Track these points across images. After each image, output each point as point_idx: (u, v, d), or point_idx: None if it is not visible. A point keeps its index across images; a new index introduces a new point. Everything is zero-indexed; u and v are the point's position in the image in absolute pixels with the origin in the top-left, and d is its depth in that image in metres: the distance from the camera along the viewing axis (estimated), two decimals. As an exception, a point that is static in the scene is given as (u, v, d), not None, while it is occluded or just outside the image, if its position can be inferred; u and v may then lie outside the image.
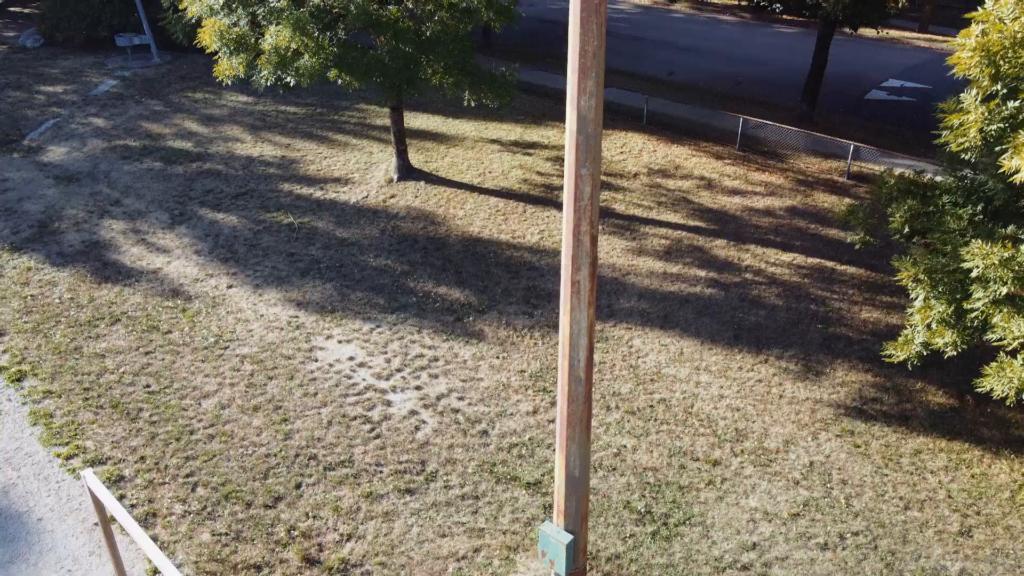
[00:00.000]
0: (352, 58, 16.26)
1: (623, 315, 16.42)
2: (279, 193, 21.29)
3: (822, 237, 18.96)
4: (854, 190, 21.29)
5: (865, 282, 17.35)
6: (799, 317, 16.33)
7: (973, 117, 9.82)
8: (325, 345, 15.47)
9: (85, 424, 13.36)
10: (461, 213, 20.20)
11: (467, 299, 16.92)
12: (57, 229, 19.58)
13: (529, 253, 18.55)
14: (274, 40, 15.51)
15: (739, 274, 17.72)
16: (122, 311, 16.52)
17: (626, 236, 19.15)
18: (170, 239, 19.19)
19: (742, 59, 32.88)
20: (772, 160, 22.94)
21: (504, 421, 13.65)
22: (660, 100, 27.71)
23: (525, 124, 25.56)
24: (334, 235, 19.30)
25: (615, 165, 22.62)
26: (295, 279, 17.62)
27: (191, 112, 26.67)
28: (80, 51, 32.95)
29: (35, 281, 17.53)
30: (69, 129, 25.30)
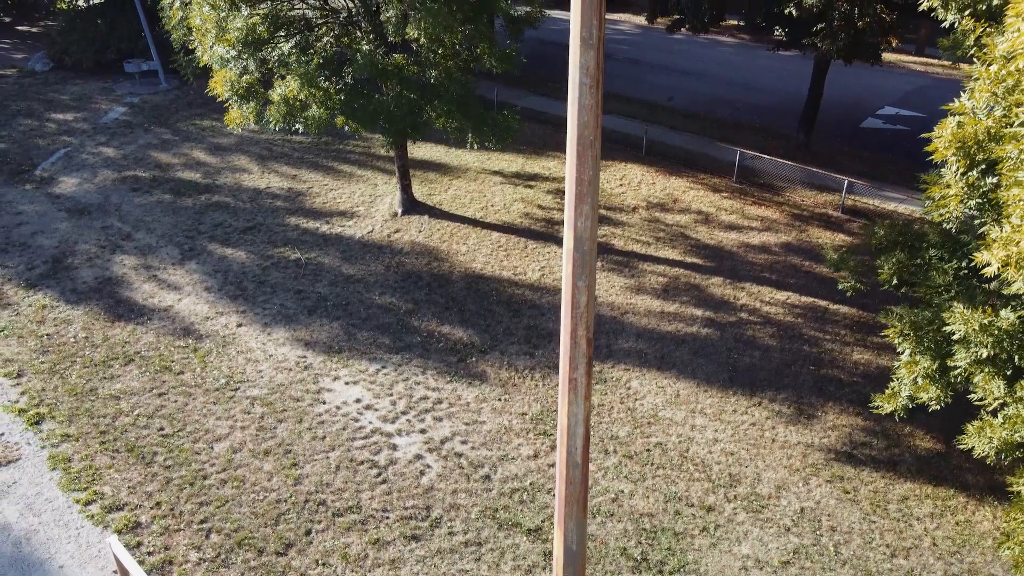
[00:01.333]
0: (359, 105, 16.77)
1: (621, 355, 16.91)
2: (286, 227, 21.80)
3: (815, 275, 19.43)
4: (848, 225, 21.76)
5: (857, 322, 17.83)
6: (792, 358, 16.81)
7: (953, 191, 10.29)
8: (333, 387, 15.97)
9: (102, 469, 13.87)
10: (464, 249, 20.70)
11: (470, 339, 17.42)
12: (70, 265, 20.10)
13: (530, 291, 19.05)
14: (283, 91, 16.03)
15: (734, 313, 18.20)
16: (135, 351, 17.03)
17: (624, 273, 19.64)
18: (181, 275, 19.70)
19: (741, 83, 33.34)
20: (768, 193, 23.42)
21: (506, 465, 14.14)
22: (659, 128, 28.18)
23: (526, 154, 26.06)
24: (340, 271, 19.80)
25: (614, 198, 23.12)
26: (303, 317, 18.12)
27: (199, 141, 27.20)
28: (89, 75, 33.50)
29: (50, 319, 18.05)
30: (80, 159, 25.83)
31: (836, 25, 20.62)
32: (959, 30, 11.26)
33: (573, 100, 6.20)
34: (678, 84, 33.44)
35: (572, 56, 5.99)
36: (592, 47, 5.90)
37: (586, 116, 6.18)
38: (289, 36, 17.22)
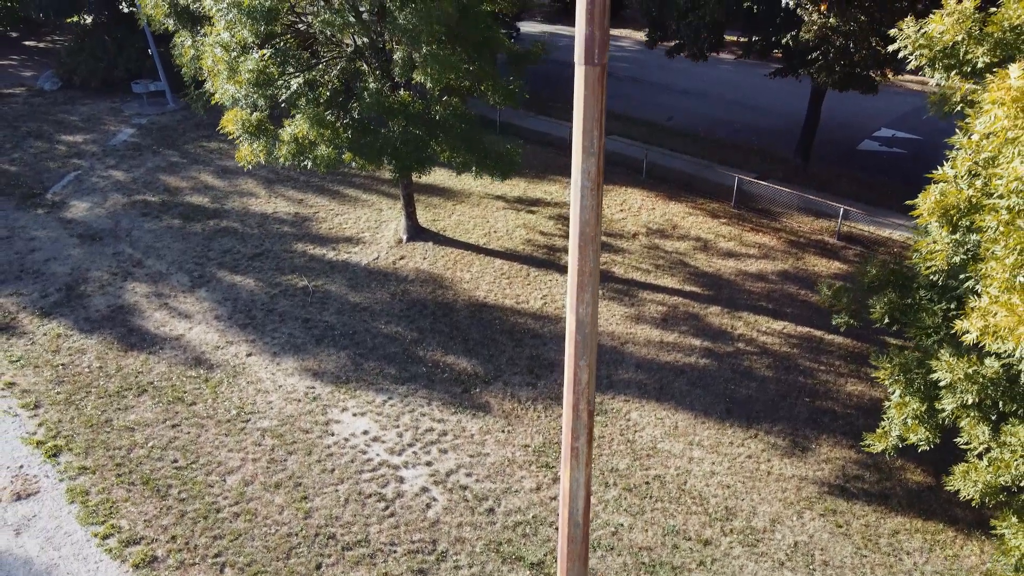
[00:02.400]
0: (365, 142, 17.24)
1: (621, 387, 17.36)
2: (293, 254, 22.27)
3: (811, 304, 19.87)
4: (844, 252, 22.20)
5: (851, 352, 18.27)
6: (788, 389, 17.25)
7: (940, 247, 10.74)
8: (341, 418, 16.43)
9: (119, 502, 14.33)
10: (468, 276, 21.16)
11: (474, 369, 17.88)
12: (83, 292, 20.57)
13: (532, 320, 19.50)
14: (293, 130, 16.50)
15: (732, 343, 18.65)
16: (148, 381, 17.50)
17: (625, 302, 20.09)
18: (191, 303, 20.17)
19: (740, 102, 33.80)
20: (766, 219, 23.86)
21: (509, 498, 14.60)
22: (659, 150, 28.65)
23: (529, 178, 26.52)
24: (347, 300, 20.26)
25: (615, 224, 23.57)
26: (310, 347, 18.58)
27: (207, 164, 27.67)
28: (97, 95, 34.00)
29: (65, 349, 18.52)
30: (90, 183, 26.31)
31: (832, 57, 21.07)
32: (945, 87, 11.69)
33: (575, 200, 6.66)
34: (678, 103, 33.91)
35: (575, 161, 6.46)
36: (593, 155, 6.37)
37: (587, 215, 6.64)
38: (298, 71, 17.67)
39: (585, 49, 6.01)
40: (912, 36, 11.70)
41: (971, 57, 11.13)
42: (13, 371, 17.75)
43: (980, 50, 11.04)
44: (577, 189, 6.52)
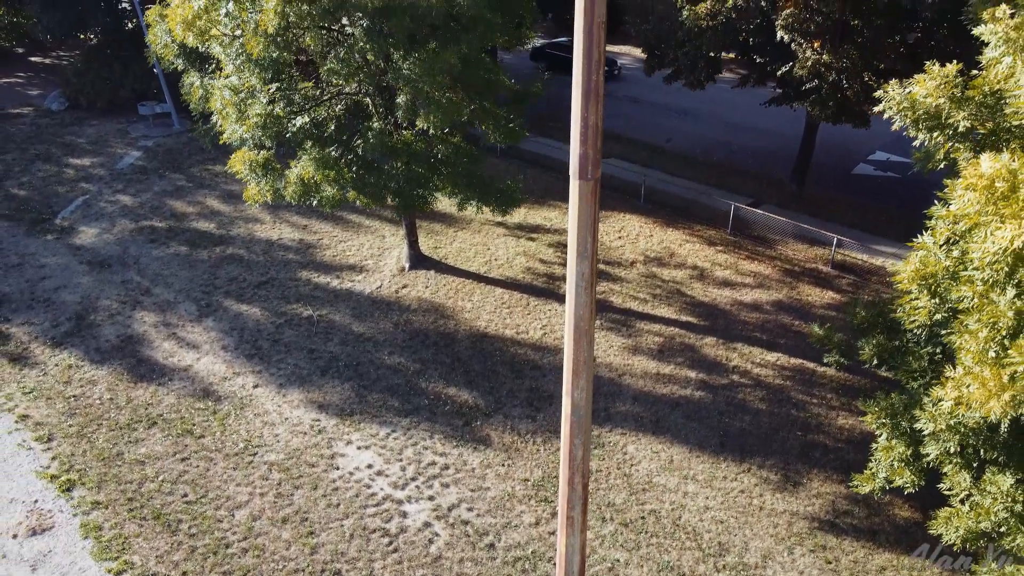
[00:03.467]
0: (369, 181, 17.72)
1: (619, 420, 17.83)
2: (298, 282, 22.74)
3: (805, 335, 20.31)
4: (837, 281, 22.66)
5: (842, 385, 18.73)
6: (780, 423, 17.72)
7: (923, 304, 11.19)
8: (345, 451, 16.90)
9: (131, 537, 14.81)
10: (469, 306, 21.62)
11: (475, 401, 18.34)
12: (93, 322, 21.04)
13: (532, 351, 19.96)
14: (299, 171, 16.98)
15: (726, 375, 19.11)
16: (158, 413, 17.97)
17: (622, 332, 20.56)
18: (198, 333, 20.64)
19: (738, 124, 34.24)
20: (761, 247, 24.33)
21: (509, 533, 15.06)
22: (657, 174, 29.11)
23: (529, 203, 26.98)
24: (351, 330, 20.73)
25: (613, 252, 24.04)
26: (316, 378, 19.05)
27: (212, 188, 28.15)
28: (103, 115, 34.48)
29: (76, 380, 19.00)
30: (98, 208, 26.80)
31: (825, 92, 21.53)
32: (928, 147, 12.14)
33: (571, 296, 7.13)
34: (676, 125, 34.35)
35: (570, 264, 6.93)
36: (587, 258, 6.84)
37: (582, 310, 7.12)
38: (303, 109, 18.14)
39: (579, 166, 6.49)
40: (897, 99, 12.15)
41: (952, 121, 11.60)
42: (26, 403, 18.23)
43: (961, 114, 11.49)
44: (572, 287, 6.99)
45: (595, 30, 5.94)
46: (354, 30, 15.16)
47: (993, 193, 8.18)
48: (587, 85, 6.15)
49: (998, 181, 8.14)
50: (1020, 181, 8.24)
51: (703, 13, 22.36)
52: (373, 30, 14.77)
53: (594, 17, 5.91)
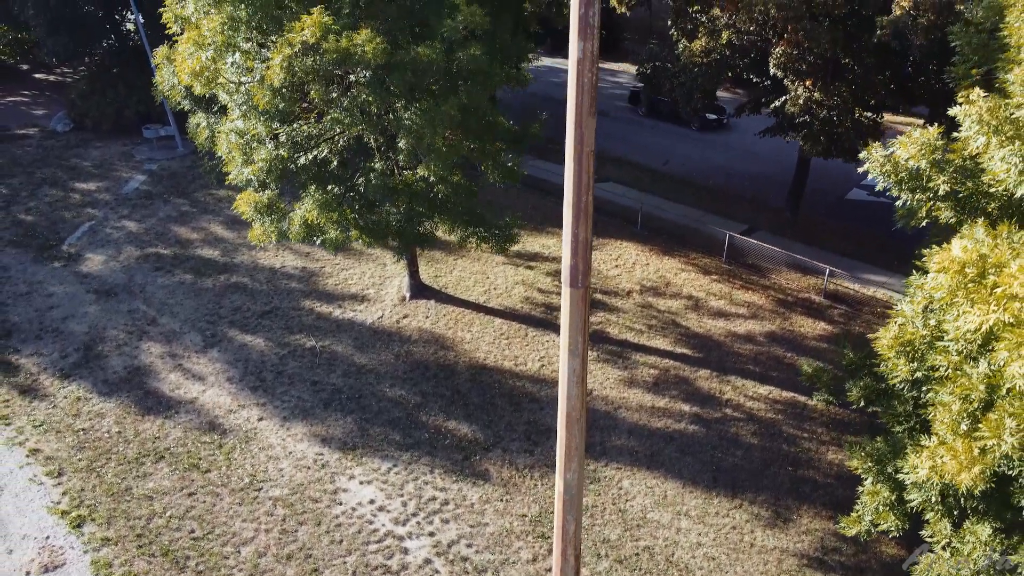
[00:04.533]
0: (371, 222, 18.19)
1: (614, 454, 18.30)
2: (301, 311, 23.21)
3: (796, 368, 20.73)
4: (829, 312, 23.12)
5: (832, 419, 19.20)
6: (772, 457, 18.18)
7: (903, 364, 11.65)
8: (348, 486, 17.37)
9: (141, 575, 15.27)
10: (468, 336, 22.09)
11: (474, 435, 18.81)
12: (101, 353, 21.51)
13: (530, 383, 20.43)
14: (303, 213, 17.45)
15: (719, 409, 19.58)
16: (165, 447, 18.44)
17: (618, 364, 21.02)
18: (204, 364, 21.10)
19: (734, 146, 34.70)
20: (756, 276, 24.79)
21: (507, 570, 15.53)
22: (654, 199, 29.58)
23: (528, 230, 27.43)
24: (353, 361, 21.19)
25: (610, 281, 24.51)
26: (318, 411, 19.52)
27: (216, 213, 28.62)
28: (108, 137, 34.95)
29: (85, 412, 19.46)
30: (104, 234, 27.27)
31: (817, 128, 22.00)
32: (912, 203, 12.60)
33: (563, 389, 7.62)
34: (673, 146, 34.80)
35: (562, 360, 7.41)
36: (577, 356, 7.32)
37: (573, 401, 7.60)
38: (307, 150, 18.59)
39: (570, 276, 6.99)
40: (880, 160, 12.63)
41: (933, 185, 12.09)
42: (37, 436, 18.70)
43: (941, 178, 11.99)
44: (564, 381, 7.47)
45: (584, 158, 6.44)
46: (357, 80, 15.62)
47: (964, 277, 8.64)
48: (577, 205, 6.65)
49: (968, 267, 8.61)
50: (990, 265, 8.71)
51: (698, 50, 22.84)
52: (376, 82, 15.23)
53: (583, 147, 6.40)
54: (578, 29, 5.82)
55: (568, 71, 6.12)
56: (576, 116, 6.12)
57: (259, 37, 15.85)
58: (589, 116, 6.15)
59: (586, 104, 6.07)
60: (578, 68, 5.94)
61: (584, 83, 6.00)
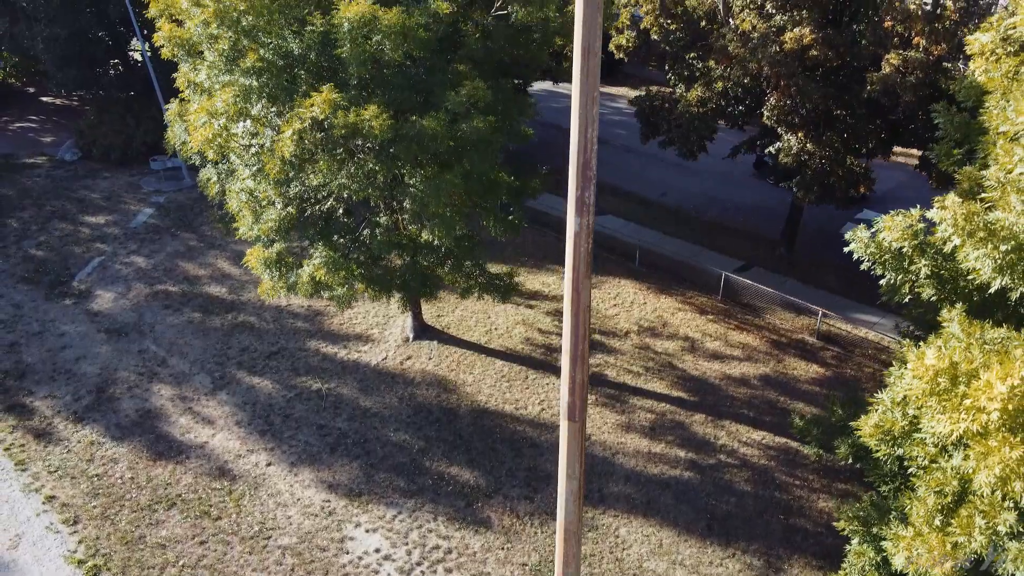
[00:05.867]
0: (376, 276, 18.81)
1: (611, 501, 18.90)
2: (307, 352, 23.81)
3: (789, 412, 21.34)
4: (822, 353, 23.72)
5: (824, 466, 19.79)
6: (765, 505, 18.78)
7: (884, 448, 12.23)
8: (355, 534, 17.97)
9: (156, 626, 15.89)
10: (470, 379, 22.69)
11: (475, 481, 19.41)
12: (113, 395, 22.11)
13: (530, 427, 21.03)
14: (311, 270, 18.06)
15: (714, 454, 20.18)
16: (176, 493, 19.04)
17: (616, 408, 21.62)
18: (213, 407, 21.71)
19: (732, 178, 35.25)
20: (750, 315, 25.39)
21: (508, 620, 16.14)
22: (651, 233, 30.19)
23: (527, 266, 28.04)
24: (358, 404, 21.79)
25: (609, 321, 25.11)
26: (325, 456, 20.12)
27: (222, 248, 29.20)
28: (116, 166, 35.54)
29: (98, 458, 20.07)
30: (114, 270, 27.87)
31: (810, 177, 22.60)
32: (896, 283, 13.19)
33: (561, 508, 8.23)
34: (671, 178, 35.35)
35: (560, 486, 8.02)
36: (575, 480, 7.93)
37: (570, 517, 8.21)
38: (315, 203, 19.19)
39: (568, 411, 7.59)
40: (864, 240, 13.25)
41: (915, 268, 12.70)
42: (52, 483, 19.30)
43: (923, 261, 12.61)
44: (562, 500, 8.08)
45: (581, 312, 7.03)
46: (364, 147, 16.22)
47: (937, 385, 9.23)
48: (575, 352, 7.24)
49: (940, 376, 9.20)
50: (962, 372, 9.29)
51: (694, 100, 23.43)
52: (383, 153, 15.84)
53: (580, 304, 7.00)
54: (575, 208, 6.41)
55: (567, 233, 6.70)
56: (573, 279, 6.71)
57: (269, 105, 16.43)
58: (585, 278, 6.74)
59: (583, 269, 6.66)
60: (575, 240, 6.53)
61: (581, 252, 6.59)
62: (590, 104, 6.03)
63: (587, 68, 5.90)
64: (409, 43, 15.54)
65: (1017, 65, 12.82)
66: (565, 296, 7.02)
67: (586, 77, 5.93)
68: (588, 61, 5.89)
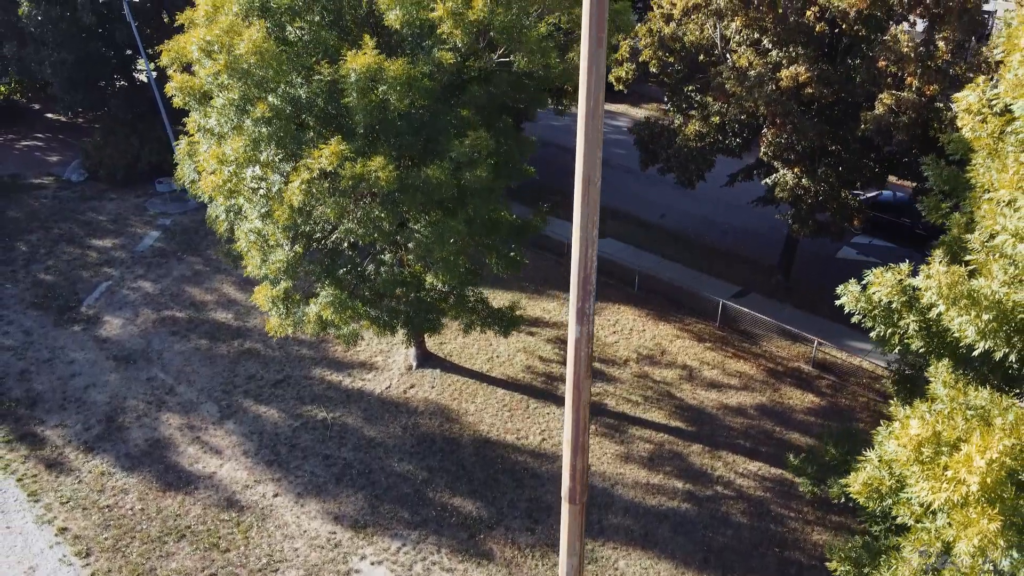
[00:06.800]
0: (380, 314, 19.26)
1: (611, 532, 19.36)
2: (312, 380, 24.27)
3: (785, 442, 21.84)
4: (818, 382, 24.18)
5: (818, 499, 20.24)
6: (760, 538, 19.24)
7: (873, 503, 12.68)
8: (360, 567, 18.43)
9: (167, 660, 16.35)
10: (472, 408, 23.15)
11: (478, 512, 19.87)
12: (122, 424, 22.58)
13: (531, 458, 21.49)
14: (318, 309, 18.50)
15: (711, 486, 20.64)
16: (186, 524, 19.50)
17: (615, 438, 22.09)
18: (220, 436, 22.17)
19: (729, 201, 35.67)
20: (747, 342, 25.86)
21: (510, 654, 16.60)
22: (650, 257, 30.67)
23: (528, 292, 28.49)
24: (363, 434, 22.25)
25: (608, 349, 25.57)
26: (331, 486, 20.58)
27: (228, 273, 29.64)
28: (122, 187, 36.01)
29: (109, 488, 20.53)
30: (121, 295, 28.33)
31: (805, 212, 23.06)
32: (886, 336, 13.65)
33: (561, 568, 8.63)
34: (670, 200, 35.78)
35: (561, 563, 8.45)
36: (575, 555, 8.36)
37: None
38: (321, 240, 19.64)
39: (568, 494, 8.03)
40: (855, 294, 13.73)
41: (904, 323, 13.17)
42: (64, 514, 19.76)
43: (911, 317, 13.08)
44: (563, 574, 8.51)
45: (581, 409, 7.49)
46: (370, 197, 16.69)
47: (920, 455, 9.69)
48: (575, 443, 7.70)
49: (924, 446, 9.66)
50: (945, 442, 9.75)
51: (691, 134, 23.89)
52: (389, 201, 16.31)
53: (580, 400, 7.45)
54: (576, 318, 6.87)
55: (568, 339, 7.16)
56: (574, 378, 7.16)
57: (278, 151, 16.88)
58: (585, 379, 7.18)
59: (583, 371, 7.11)
60: (576, 346, 6.98)
61: (581, 355, 7.04)
62: (590, 227, 6.49)
63: (588, 197, 6.35)
64: (414, 92, 16.00)
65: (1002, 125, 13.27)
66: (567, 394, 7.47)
67: (587, 205, 6.38)
68: (588, 191, 6.34)
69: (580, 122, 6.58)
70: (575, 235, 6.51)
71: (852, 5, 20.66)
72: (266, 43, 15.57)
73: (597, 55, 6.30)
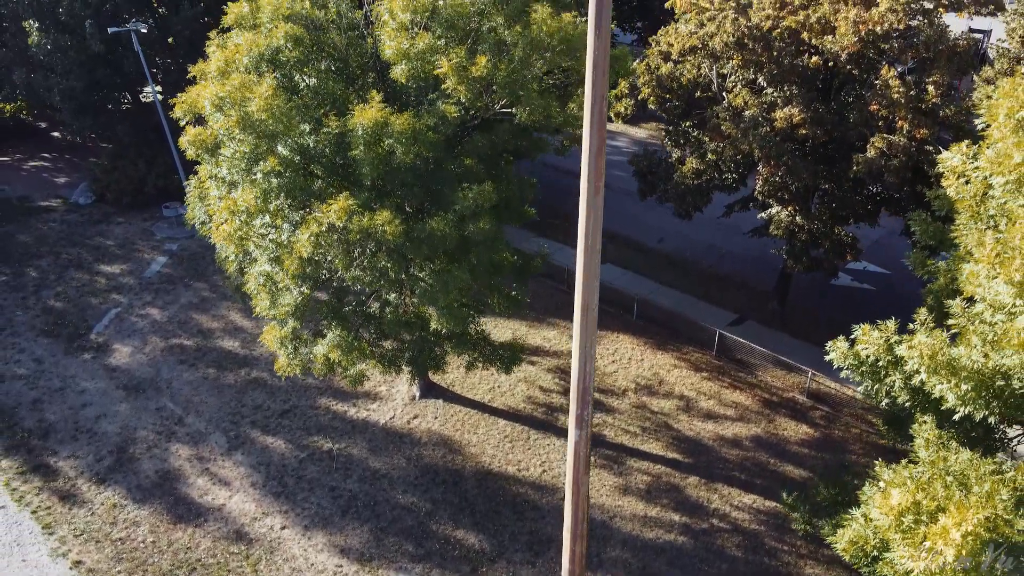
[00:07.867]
0: (388, 355, 19.84)
1: (609, 566, 19.92)
2: (318, 410, 24.84)
3: (779, 475, 22.40)
4: (812, 412, 24.75)
5: (811, 533, 20.77)
6: (754, 571, 19.79)
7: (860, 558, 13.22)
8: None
9: None
10: (475, 439, 23.71)
11: (480, 545, 20.43)
12: (133, 455, 23.14)
13: (532, 489, 22.04)
14: (325, 351, 19.07)
15: (707, 519, 21.20)
16: (196, 558, 20.06)
17: (614, 470, 22.65)
18: (229, 468, 22.73)
19: (728, 224, 36.23)
20: (743, 372, 26.42)
21: None
22: (648, 283, 31.24)
23: (529, 320, 29.05)
24: (368, 465, 22.81)
25: (607, 378, 26.14)
26: (337, 519, 21.14)
27: (234, 300, 30.08)
28: (129, 210, 36.61)
29: (121, 520, 21.09)
30: (130, 322, 28.90)
31: (799, 248, 23.62)
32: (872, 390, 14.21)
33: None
34: (669, 224, 36.27)
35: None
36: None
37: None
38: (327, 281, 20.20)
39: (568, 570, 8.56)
40: (843, 351, 14.30)
41: (890, 380, 13.74)
42: (78, 547, 20.32)
43: (897, 374, 13.64)
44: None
45: (580, 502, 8.04)
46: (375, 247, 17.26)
47: (901, 523, 10.26)
48: (574, 531, 8.25)
49: (904, 515, 10.22)
50: (924, 509, 10.32)
51: (688, 172, 24.47)
52: (395, 253, 16.88)
53: (580, 495, 8.01)
54: (575, 423, 7.42)
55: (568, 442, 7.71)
56: (574, 476, 7.72)
57: (287, 200, 17.45)
58: (584, 475, 7.74)
59: (582, 469, 7.67)
60: (575, 447, 7.53)
61: (580, 456, 7.59)
62: (589, 346, 7.03)
63: (586, 325, 6.89)
64: (419, 145, 16.57)
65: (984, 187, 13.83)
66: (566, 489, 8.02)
67: (585, 328, 6.93)
68: (587, 318, 6.88)
69: (579, 255, 7.13)
70: (574, 352, 7.08)
71: (844, 48, 21.25)
72: (276, 99, 16.15)
73: (595, 202, 6.87)
